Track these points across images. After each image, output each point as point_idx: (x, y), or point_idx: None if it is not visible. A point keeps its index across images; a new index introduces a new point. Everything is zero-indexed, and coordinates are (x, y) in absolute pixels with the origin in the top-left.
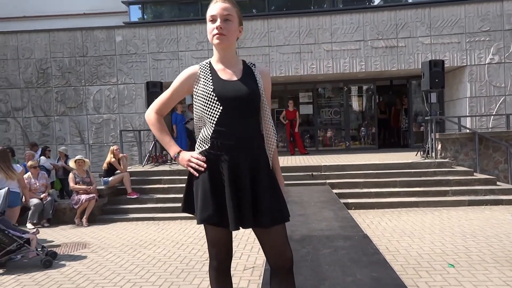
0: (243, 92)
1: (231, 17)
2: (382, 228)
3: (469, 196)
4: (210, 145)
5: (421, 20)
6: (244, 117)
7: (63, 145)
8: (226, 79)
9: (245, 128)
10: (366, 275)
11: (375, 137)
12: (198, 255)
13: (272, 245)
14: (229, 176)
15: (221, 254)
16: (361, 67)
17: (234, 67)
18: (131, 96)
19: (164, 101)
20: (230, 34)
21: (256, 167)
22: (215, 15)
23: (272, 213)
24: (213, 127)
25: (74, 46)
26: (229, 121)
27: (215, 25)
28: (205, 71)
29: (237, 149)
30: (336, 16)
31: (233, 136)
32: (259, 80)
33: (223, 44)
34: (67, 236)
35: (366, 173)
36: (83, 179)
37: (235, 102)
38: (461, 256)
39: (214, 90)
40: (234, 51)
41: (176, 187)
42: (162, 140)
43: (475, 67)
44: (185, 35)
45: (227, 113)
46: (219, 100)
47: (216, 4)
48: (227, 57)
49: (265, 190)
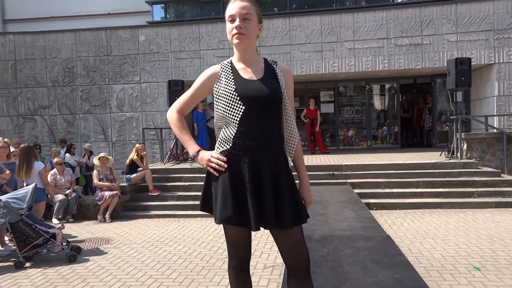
0: (265, 91)
1: (250, 15)
2: (404, 229)
3: (496, 198)
4: (232, 145)
5: (447, 17)
6: (266, 117)
7: (87, 143)
8: (247, 78)
9: (267, 128)
10: (388, 277)
11: (397, 137)
12: (219, 253)
13: (289, 246)
14: (250, 176)
15: (240, 253)
16: (384, 66)
17: (255, 66)
18: (153, 95)
19: (186, 101)
20: (249, 33)
21: (277, 168)
22: (234, 14)
23: (292, 214)
24: (235, 127)
25: (98, 45)
26: (251, 121)
27: (234, 24)
28: (227, 71)
29: (259, 149)
30: (358, 14)
31: (255, 136)
32: (281, 79)
33: (243, 44)
34: (91, 232)
35: (388, 173)
36: (107, 176)
37: (258, 102)
38: (488, 260)
39: (236, 89)
40: (254, 49)
41: (196, 184)
42: (182, 139)
43: (503, 65)
44: (207, 34)
45: (249, 113)
46: (241, 100)
47: (234, 4)
48: (247, 56)
49: (285, 191)
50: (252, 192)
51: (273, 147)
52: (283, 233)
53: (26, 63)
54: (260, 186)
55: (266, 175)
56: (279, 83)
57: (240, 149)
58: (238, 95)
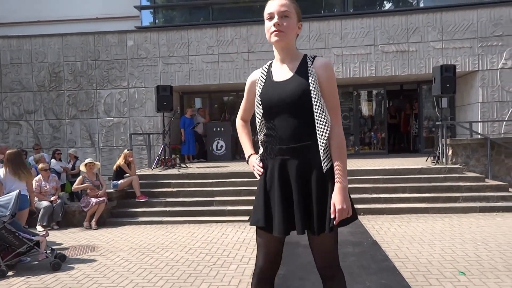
0: (286, 93)
1: (289, 13)
2: (391, 234)
3: (480, 203)
4: (263, 149)
5: (433, 24)
6: (291, 119)
7: (73, 148)
8: (277, 80)
9: (294, 130)
10: (375, 282)
11: (384, 142)
12: (206, 260)
13: (319, 252)
14: (279, 180)
15: (263, 261)
16: (371, 72)
17: (291, 65)
18: (141, 100)
19: (243, 108)
20: (288, 31)
21: (306, 171)
22: (273, 12)
23: (318, 221)
24: (264, 132)
25: (86, 50)
26: (276, 125)
27: (272, 22)
28: (263, 74)
29: (287, 153)
30: (346, 21)
31: (281, 139)
32: (313, 76)
33: (282, 42)
34: (76, 239)
35: (376, 178)
36: (93, 182)
37: (278, 105)
38: (472, 264)
39: (260, 94)
40: (293, 48)
41: (184, 190)
42: (241, 142)
43: (487, 72)
44: (196, 39)
45: (273, 116)
46: (262, 104)
47: (273, 1)
48: (286, 55)
49: (313, 196)
50: (280, 196)
51: (302, 149)
52: (314, 238)
53: (11, 68)
54: (289, 190)
55: (296, 179)
56: (308, 82)
57: (269, 153)
58: (260, 99)
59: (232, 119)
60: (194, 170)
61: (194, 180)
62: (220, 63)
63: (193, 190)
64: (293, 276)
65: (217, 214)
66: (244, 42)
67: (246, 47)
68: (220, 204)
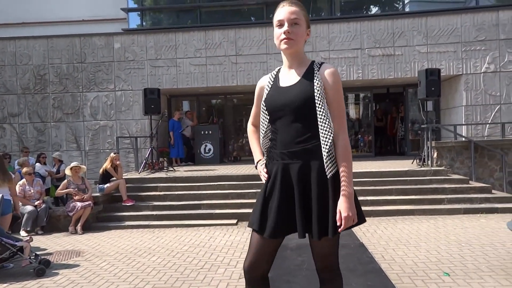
0: (290, 98)
1: (299, 20)
2: (378, 236)
3: (464, 204)
4: (267, 154)
5: (418, 29)
6: (294, 124)
7: (58, 152)
8: (284, 85)
9: (295, 134)
10: (361, 284)
11: (371, 145)
12: (193, 264)
13: (319, 255)
14: (281, 184)
15: (250, 262)
16: (358, 75)
17: (298, 71)
18: (128, 103)
19: (253, 114)
20: (298, 38)
21: (308, 175)
22: (283, 19)
23: (318, 225)
24: (267, 137)
25: (72, 52)
26: (279, 129)
27: (282, 29)
28: (271, 80)
29: (288, 157)
30: (333, 25)
31: (283, 143)
32: (318, 82)
33: (292, 49)
34: (61, 244)
35: (363, 180)
36: (78, 186)
37: (282, 110)
38: (457, 265)
39: (265, 99)
40: (302, 54)
41: (172, 194)
42: (251, 147)
43: (470, 76)
44: (183, 42)
45: (275, 121)
46: (267, 110)
47: (283, 9)
48: (294, 61)
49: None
50: (280, 201)
51: (304, 154)
52: (312, 241)
53: None
54: (291, 194)
55: (297, 182)
56: (313, 88)
57: (273, 158)
58: (265, 104)
59: (220, 122)
60: (182, 173)
61: (182, 183)
62: (208, 66)
63: (180, 193)
64: (280, 279)
65: (205, 217)
66: (232, 45)
67: (234, 50)
68: (208, 208)
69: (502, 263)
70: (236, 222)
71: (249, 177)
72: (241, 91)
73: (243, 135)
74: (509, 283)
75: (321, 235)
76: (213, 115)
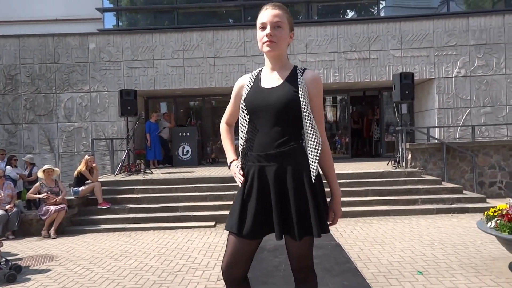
0: (273, 100)
1: (282, 23)
2: (354, 236)
3: (437, 205)
4: (243, 155)
5: (392, 33)
6: (274, 126)
7: (30, 154)
8: (265, 87)
9: (274, 136)
10: (337, 284)
11: (348, 147)
12: (171, 266)
13: (295, 255)
14: (257, 186)
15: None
16: (335, 78)
17: (281, 74)
18: (104, 104)
19: (229, 112)
20: (280, 41)
21: (285, 177)
22: (266, 22)
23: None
24: (244, 137)
25: (45, 52)
26: (257, 131)
27: (265, 32)
28: (251, 80)
29: (265, 159)
30: (311, 28)
31: (262, 146)
32: (302, 87)
33: (274, 52)
34: (34, 249)
35: (340, 182)
36: (52, 189)
37: (262, 111)
38: (430, 264)
39: (245, 99)
40: (284, 57)
41: (149, 196)
42: (224, 146)
43: (443, 80)
44: (161, 43)
45: (254, 122)
46: (247, 110)
47: (266, 11)
48: (276, 64)
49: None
50: (257, 203)
51: (280, 157)
52: (289, 242)
53: None
54: (268, 196)
55: (273, 184)
56: (297, 91)
57: (249, 159)
58: (245, 104)
59: (198, 123)
60: (159, 175)
61: (159, 185)
62: (186, 67)
63: (157, 196)
64: (256, 281)
65: (182, 220)
66: (210, 47)
67: (212, 52)
68: (185, 210)
69: (472, 261)
70: (214, 224)
71: (227, 179)
72: (219, 93)
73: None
74: (479, 280)
75: (301, 236)
76: (191, 117)
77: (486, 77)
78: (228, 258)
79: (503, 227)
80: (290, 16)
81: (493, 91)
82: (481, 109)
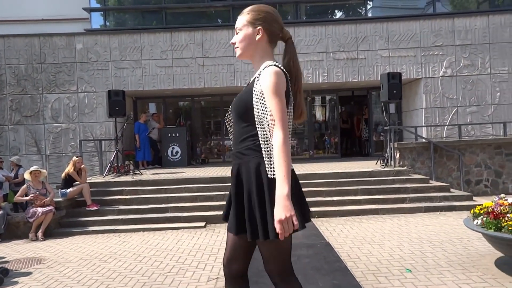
0: (233, 101)
1: (238, 29)
2: (344, 235)
3: (425, 203)
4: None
5: (380, 34)
6: (236, 126)
7: (17, 156)
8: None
9: (236, 137)
10: (327, 283)
11: (337, 146)
12: (161, 268)
13: (262, 256)
14: (232, 183)
15: (227, 257)
16: (324, 78)
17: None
18: (91, 105)
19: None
20: (241, 45)
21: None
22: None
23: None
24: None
25: (31, 52)
26: (231, 131)
27: None
28: None
29: (233, 158)
30: (299, 28)
31: (233, 144)
32: (257, 86)
33: (241, 56)
34: (21, 252)
35: (329, 181)
36: (39, 191)
37: (231, 111)
38: (418, 261)
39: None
40: (256, 58)
41: (138, 198)
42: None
43: (429, 80)
44: (149, 44)
45: (230, 123)
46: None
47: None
48: (254, 66)
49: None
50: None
51: (239, 155)
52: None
53: None
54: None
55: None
56: (252, 89)
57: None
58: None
59: (188, 124)
60: (149, 176)
61: (149, 186)
62: (175, 68)
63: (147, 197)
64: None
65: (172, 220)
66: (199, 47)
67: (200, 52)
68: (175, 211)
69: (460, 259)
70: (204, 225)
71: (217, 179)
72: (208, 93)
73: (211, 137)
74: (466, 277)
75: (252, 237)
76: (180, 118)
77: (472, 76)
78: (227, 252)
79: (489, 225)
80: (254, 14)
81: (478, 90)
82: (467, 108)
